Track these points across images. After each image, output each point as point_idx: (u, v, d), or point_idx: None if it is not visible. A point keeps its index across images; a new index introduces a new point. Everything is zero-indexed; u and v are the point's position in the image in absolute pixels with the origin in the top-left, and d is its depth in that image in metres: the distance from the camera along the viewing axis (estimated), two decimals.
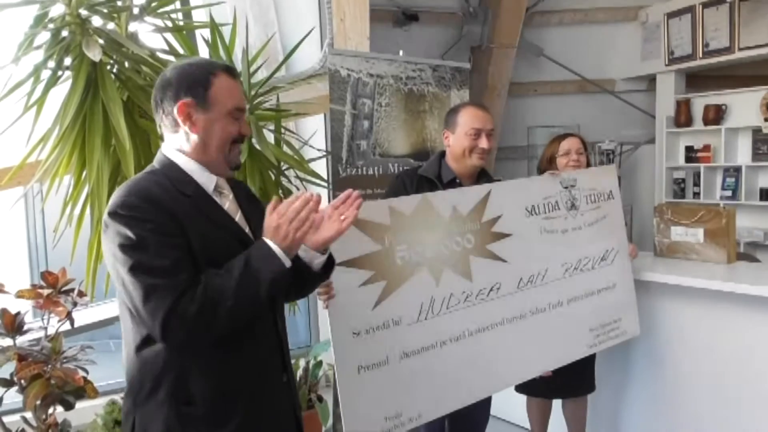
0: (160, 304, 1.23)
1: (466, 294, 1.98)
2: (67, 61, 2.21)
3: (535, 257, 2.20)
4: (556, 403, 2.88)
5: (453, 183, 2.33)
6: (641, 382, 2.98)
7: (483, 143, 2.29)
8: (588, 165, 2.84)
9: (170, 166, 1.39)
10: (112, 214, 1.27)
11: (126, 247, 1.25)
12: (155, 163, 1.43)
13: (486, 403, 2.43)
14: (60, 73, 2.20)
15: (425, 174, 2.36)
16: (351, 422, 1.73)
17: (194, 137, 1.38)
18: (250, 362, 1.39)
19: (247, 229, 1.45)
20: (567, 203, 2.34)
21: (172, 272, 1.25)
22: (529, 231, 2.19)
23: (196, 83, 1.36)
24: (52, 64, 2.18)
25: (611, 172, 2.69)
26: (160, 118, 1.41)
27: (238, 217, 1.45)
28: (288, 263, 1.30)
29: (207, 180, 1.40)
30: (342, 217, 1.38)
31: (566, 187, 2.36)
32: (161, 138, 1.45)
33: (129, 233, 1.25)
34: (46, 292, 2.38)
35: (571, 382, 2.58)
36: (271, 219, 1.31)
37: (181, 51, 2.45)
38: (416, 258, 1.85)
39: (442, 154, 2.45)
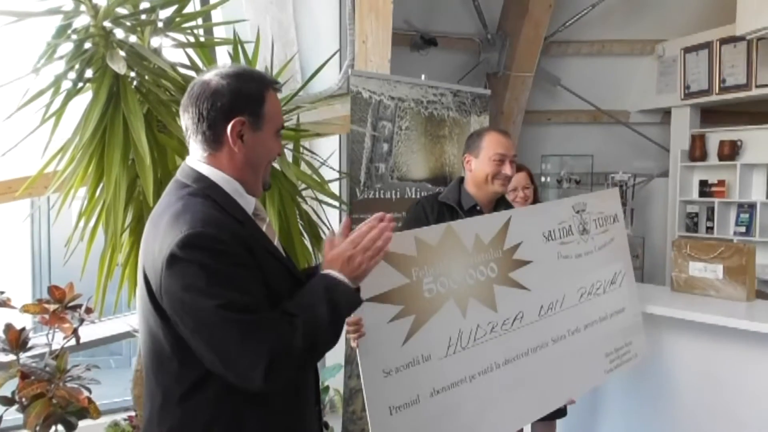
0: (265, 343, 1.11)
1: (491, 325, 1.91)
2: (88, 72, 2.18)
3: (554, 283, 2.16)
4: None
5: (473, 210, 2.29)
6: (648, 414, 2.92)
7: (507, 170, 2.26)
8: (535, 196, 2.94)
9: (210, 186, 1.25)
10: (188, 247, 1.12)
11: (212, 282, 1.12)
12: (186, 179, 1.28)
13: None
14: (80, 84, 2.17)
15: (446, 200, 2.31)
16: None
17: (240, 156, 1.26)
18: (297, 397, 1.32)
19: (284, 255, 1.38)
20: (579, 227, 2.31)
21: (265, 308, 1.16)
22: (547, 257, 2.14)
23: (252, 100, 1.26)
24: (72, 75, 2.15)
25: (615, 195, 2.69)
26: (198, 129, 1.26)
27: (276, 242, 1.37)
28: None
29: (246, 203, 1.29)
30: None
31: (578, 212, 2.32)
32: (186, 147, 1.33)
33: (214, 268, 1.12)
34: (52, 307, 2.32)
35: None
36: (342, 249, 1.26)
37: (202, 66, 2.43)
38: (443, 289, 1.78)
39: (461, 179, 2.40)
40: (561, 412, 2.84)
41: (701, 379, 2.75)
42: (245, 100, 1.25)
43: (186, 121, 1.28)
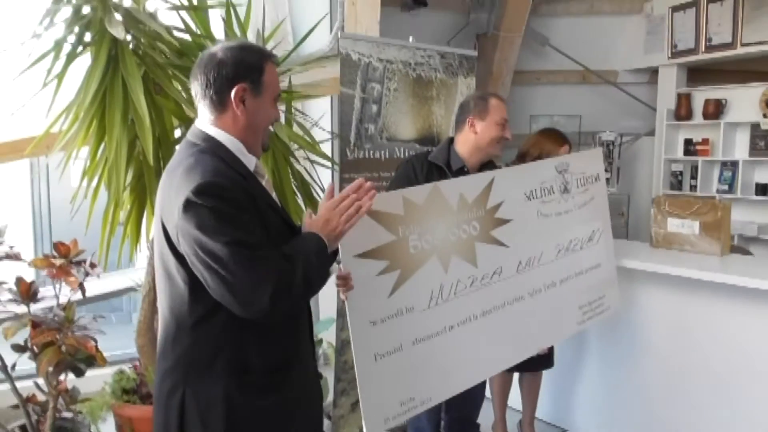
0: (268, 275, 1.29)
1: (471, 279, 2.03)
2: (87, 36, 2.25)
3: (533, 241, 2.27)
4: None
5: (461, 171, 2.39)
6: (628, 365, 3.05)
7: (507, 133, 2.41)
8: None
9: (217, 146, 1.42)
10: (201, 194, 1.30)
11: (222, 223, 1.29)
12: (196, 139, 1.45)
13: (482, 383, 2.51)
14: (80, 48, 2.25)
15: (435, 161, 2.41)
16: (369, 408, 1.78)
17: (242, 119, 1.43)
18: (296, 331, 1.50)
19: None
20: (560, 187, 2.41)
21: (267, 248, 1.33)
22: (527, 216, 2.25)
23: (253, 69, 1.43)
24: (72, 39, 2.22)
25: (598, 155, 2.79)
26: (206, 95, 1.43)
27: (274, 196, 1.53)
28: None
29: (248, 161, 1.46)
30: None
31: (560, 172, 2.43)
32: (182, 108, 1.50)
33: (223, 211, 1.30)
34: (58, 261, 2.44)
35: (533, 357, 2.66)
36: (320, 213, 1.45)
37: (195, 29, 2.49)
38: (427, 246, 1.89)
39: (451, 140, 2.49)
40: (548, 363, 2.96)
41: (677, 331, 2.87)
42: (247, 69, 1.43)
43: (195, 87, 1.46)
